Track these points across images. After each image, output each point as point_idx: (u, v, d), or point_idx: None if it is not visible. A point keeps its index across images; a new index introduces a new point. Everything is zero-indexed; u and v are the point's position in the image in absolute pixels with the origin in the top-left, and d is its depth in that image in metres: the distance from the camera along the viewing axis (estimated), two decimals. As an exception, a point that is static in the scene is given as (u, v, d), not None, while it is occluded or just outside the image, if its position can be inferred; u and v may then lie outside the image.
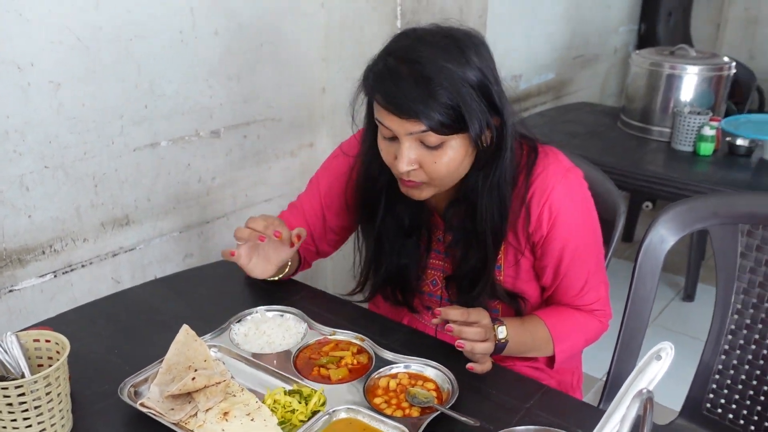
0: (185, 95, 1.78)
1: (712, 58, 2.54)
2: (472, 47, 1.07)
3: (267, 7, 1.92)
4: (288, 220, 1.37)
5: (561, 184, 1.17)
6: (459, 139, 1.08)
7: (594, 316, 1.28)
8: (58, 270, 1.63)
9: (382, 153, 1.14)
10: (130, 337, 1.20)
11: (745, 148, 2.31)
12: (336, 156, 1.37)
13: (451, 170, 1.11)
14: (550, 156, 1.20)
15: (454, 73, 1.03)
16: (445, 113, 1.03)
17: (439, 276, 1.31)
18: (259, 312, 1.24)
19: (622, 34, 4.07)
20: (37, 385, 0.90)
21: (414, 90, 1.03)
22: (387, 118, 1.07)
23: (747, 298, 1.35)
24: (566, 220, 1.18)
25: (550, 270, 1.23)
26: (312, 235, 1.37)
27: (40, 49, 1.48)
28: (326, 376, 1.07)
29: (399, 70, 1.04)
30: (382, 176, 1.21)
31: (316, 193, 1.37)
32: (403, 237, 1.27)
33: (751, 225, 1.34)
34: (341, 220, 1.36)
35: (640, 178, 2.26)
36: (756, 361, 1.35)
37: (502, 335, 1.13)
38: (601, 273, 1.28)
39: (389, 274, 1.30)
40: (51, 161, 1.55)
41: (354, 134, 1.33)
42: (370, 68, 1.11)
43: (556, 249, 1.20)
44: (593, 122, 2.83)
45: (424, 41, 1.06)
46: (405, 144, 1.08)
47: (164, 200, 1.81)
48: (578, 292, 1.25)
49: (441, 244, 1.29)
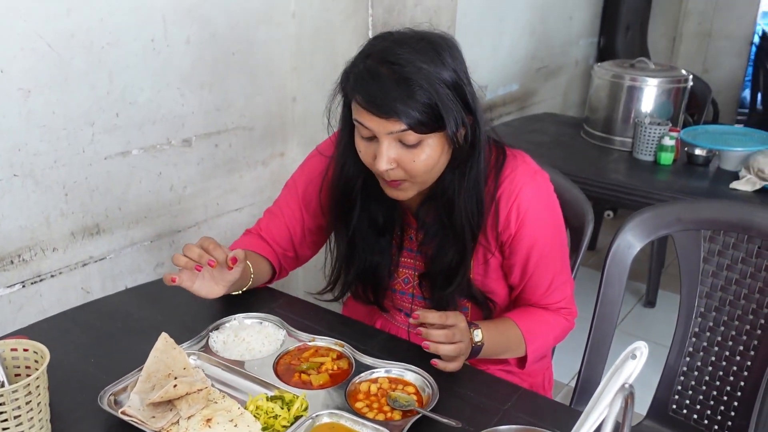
0: (157, 103, 1.77)
1: (670, 71, 2.63)
2: (447, 49, 1.11)
3: (239, 17, 1.93)
4: (267, 227, 1.37)
5: (529, 185, 1.21)
6: (436, 138, 1.12)
7: (560, 314, 1.32)
8: (27, 280, 1.61)
9: (360, 153, 1.17)
10: (105, 346, 1.19)
11: (703, 158, 2.40)
12: (313, 156, 1.39)
13: (429, 167, 1.14)
14: (518, 158, 1.24)
15: (431, 73, 1.07)
16: (423, 112, 1.07)
17: (411, 274, 1.34)
18: (237, 319, 1.24)
19: (582, 47, 4.17)
20: (17, 394, 0.89)
21: (394, 90, 1.06)
22: (367, 118, 1.10)
23: (710, 302, 1.41)
24: (534, 220, 1.22)
25: (518, 269, 1.27)
26: (292, 239, 1.38)
27: (11, 55, 1.46)
28: (307, 381, 1.08)
29: (379, 71, 1.08)
30: (358, 176, 1.24)
31: (293, 195, 1.37)
32: (377, 235, 1.30)
33: (713, 231, 1.40)
34: (319, 219, 1.37)
35: (604, 187, 2.32)
36: (719, 363, 1.40)
37: (477, 338, 1.16)
38: (566, 272, 1.33)
39: (361, 272, 1.32)
40: (20, 169, 1.53)
41: (330, 136, 1.35)
42: (349, 70, 1.14)
43: (524, 248, 1.24)
44: (557, 132, 2.90)
45: (402, 43, 1.10)
46: (384, 143, 1.11)
47: (135, 209, 1.80)
48: (545, 291, 1.29)
49: (413, 242, 1.32)
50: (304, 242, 1.40)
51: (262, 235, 1.38)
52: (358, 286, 1.36)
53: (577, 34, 4.06)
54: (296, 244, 1.39)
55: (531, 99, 3.73)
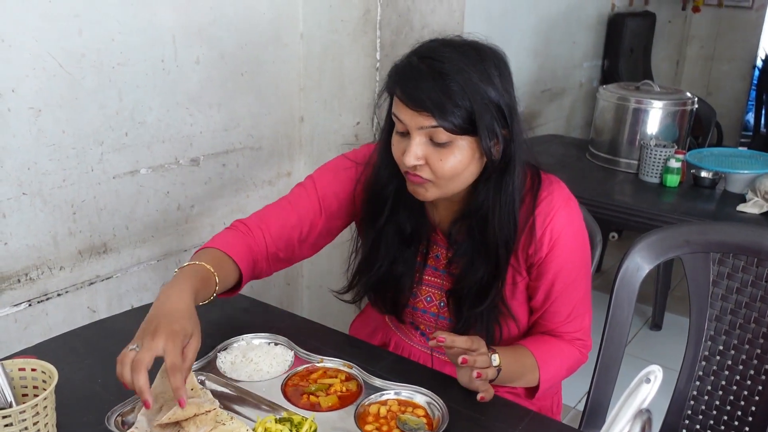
0: (166, 123, 1.78)
1: (675, 94, 2.64)
2: (493, 60, 1.11)
3: (248, 37, 1.95)
4: (268, 221, 1.29)
5: (564, 210, 1.21)
6: (467, 142, 1.11)
7: (574, 346, 1.30)
8: (33, 299, 1.60)
9: (393, 148, 1.17)
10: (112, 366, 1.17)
11: (709, 180, 2.40)
12: (339, 160, 1.36)
13: (456, 171, 1.12)
14: (554, 183, 1.24)
15: (471, 77, 1.07)
16: (456, 112, 1.07)
17: (435, 294, 1.32)
18: (245, 340, 1.23)
19: (586, 69, 4.20)
20: (25, 414, 0.88)
21: (430, 84, 1.06)
22: (402, 110, 1.10)
23: (719, 325, 1.40)
24: (565, 246, 1.21)
25: (542, 293, 1.26)
26: (294, 237, 1.30)
27: (22, 75, 1.47)
28: (316, 403, 1.07)
29: (419, 66, 1.08)
30: (393, 181, 1.23)
31: (312, 192, 1.32)
32: (402, 245, 1.28)
33: (722, 254, 1.39)
34: (334, 220, 1.34)
35: (610, 209, 2.32)
36: (729, 387, 1.39)
37: (495, 363, 1.14)
38: (587, 303, 1.31)
39: (381, 279, 1.30)
40: (29, 188, 1.54)
41: (358, 147, 1.36)
42: (395, 65, 1.15)
43: (552, 272, 1.23)
44: (562, 154, 2.91)
45: (449, 45, 1.11)
46: (415, 138, 1.10)
47: (142, 228, 1.80)
48: (565, 318, 1.27)
49: (440, 261, 1.30)
50: (307, 241, 1.33)
51: (260, 230, 1.27)
52: (377, 293, 1.34)
53: (580, 57, 4.09)
54: (297, 243, 1.31)
55: (535, 121, 3.74)
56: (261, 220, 1.29)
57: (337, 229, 1.37)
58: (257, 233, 1.27)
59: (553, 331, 1.29)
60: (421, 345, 1.37)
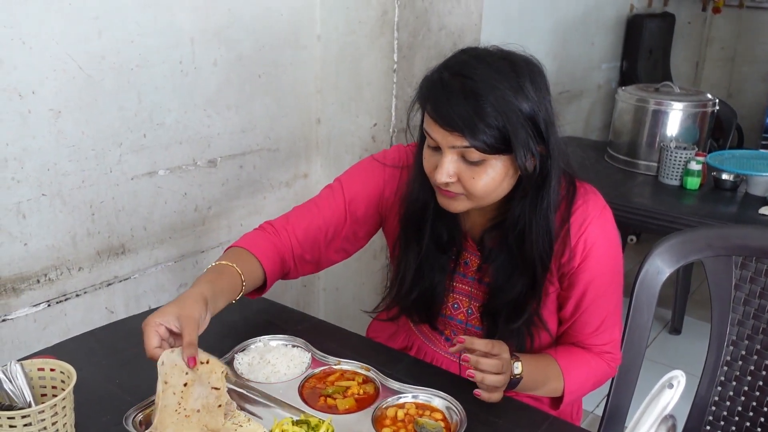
0: (184, 124, 1.79)
1: (696, 95, 2.61)
2: (528, 73, 1.08)
3: (265, 39, 1.95)
4: (294, 222, 1.29)
5: (598, 220, 1.19)
6: (501, 161, 1.08)
7: (603, 359, 1.28)
8: (52, 299, 1.61)
9: (424, 161, 1.15)
10: (129, 367, 1.19)
11: (730, 183, 2.37)
12: (368, 162, 1.34)
13: (489, 189, 1.10)
14: (589, 192, 1.21)
15: (504, 94, 1.04)
16: (489, 133, 1.04)
17: (464, 301, 1.30)
18: (263, 341, 1.23)
19: (604, 71, 4.16)
20: (44, 414, 0.88)
21: (462, 105, 1.04)
22: (433, 128, 1.08)
23: (742, 330, 1.38)
24: (598, 255, 1.19)
25: (572, 302, 1.23)
26: (320, 240, 1.29)
27: (42, 77, 1.48)
28: (333, 405, 1.07)
29: (451, 83, 1.06)
30: (432, 197, 1.20)
31: (339, 196, 1.30)
32: (439, 253, 1.26)
33: (744, 257, 1.37)
34: (360, 226, 1.32)
35: (629, 211, 2.29)
36: (752, 393, 1.36)
37: (517, 371, 1.13)
38: (618, 315, 1.28)
39: (422, 291, 1.27)
40: (48, 189, 1.55)
41: (388, 148, 1.35)
42: (426, 79, 1.12)
43: (583, 282, 1.20)
44: (581, 156, 2.86)
45: (481, 60, 1.07)
46: (447, 157, 1.08)
47: (160, 229, 1.81)
48: (594, 330, 1.25)
49: (468, 268, 1.28)
50: (333, 245, 1.31)
51: (286, 231, 1.28)
52: (415, 305, 1.30)
53: (599, 59, 4.06)
54: (323, 245, 1.30)
55: (553, 123, 3.71)
56: (287, 221, 1.30)
57: (365, 234, 1.35)
58: (283, 234, 1.28)
59: (582, 342, 1.27)
60: (445, 351, 1.35)
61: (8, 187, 1.48)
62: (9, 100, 1.44)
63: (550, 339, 1.29)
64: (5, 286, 1.52)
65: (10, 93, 1.44)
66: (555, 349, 1.27)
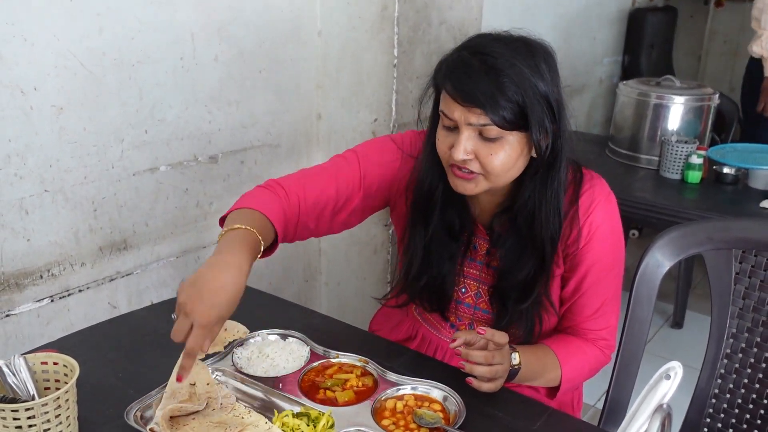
0: (185, 120, 1.79)
1: (697, 89, 2.61)
2: (542, 54, 1.11)
3: (266, 35, 1.95)
4: (303, 187, 1.23)
5: (604, 205, 1.21)
6: (517, 137, 1.10)
7: (597, 346, 1.30)
8: (55, 295, 1.62)
9: (438, 142, 1.15)
10: (133, 361, 1.20)
11: (731, 177, 2.37)
12: (384, 140, 1.33)
13: (506, 166, 1.12)
14: (595, 178, 1.24)
15: (522, 71, 1.06)
16: (508, 108, 1.06)
17: (472, 285, 1.31)
18: (261, 335, 1.24)
19: (606, 65, 4.16)
20: (47, 407, 0.89)
21: (483, 80, 1.06)
22: (452, 106, 1.10)
23: (742, 323, 1.38)
24: (601, 240, 1.22)
25: (573, 283, 1.25)
26: (325, 212, 1.25)
27: (44, 73, 1.49)
28: (332, 398, 1.08)
29: (471, 61, 1.08)
30: (441, 181, 1.22)
31: (356, 167, 1.28)
32: (450, 240, 1.27)
33: (744, 250, 1.37)
34: (367, 202, 1.30)
35: (630, 205, 2.30)
36: (752, 385, 1.37)
37: (515, 361, 1.14)
38: (616, 302, 1.30)
39: (431, 278, 1.28)
40: (51, 185, 1.56)
41: (404, 132, 1.35)
42: (443, 60, 1.14)
43: (585, 264, 1.23)
44: (582, 150, 2.86)
45: (499, 40, 1.11)
46: (464, 133, 1.09)
47: (162, 225, 1.82)
48: (592, 314, 1.26)
49: (477, 252, 1.29)
50: (338, 217, 1.28)
51: (292, 195, 1.22)
52: (425, 293, 1.31)
53: (600, 53, 4.06)
54: (327, 215, 1.26)
55: (555, 117, 3.71)
56: (299, 185, 1.23)
57: (370, 209, 1.33)
58: (293, 199, 1.22)
59: (578, 325, 1.28)
60: (449, 338, 1.35)
61: (11, 183, 1.49)
62: (11, 96, 1.45)
63: (556, 322, 1.30)
64: (8, 282, 1.53)
65: (13, 89, 1.44)
66: (550, 339, 1.29)
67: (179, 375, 1.00)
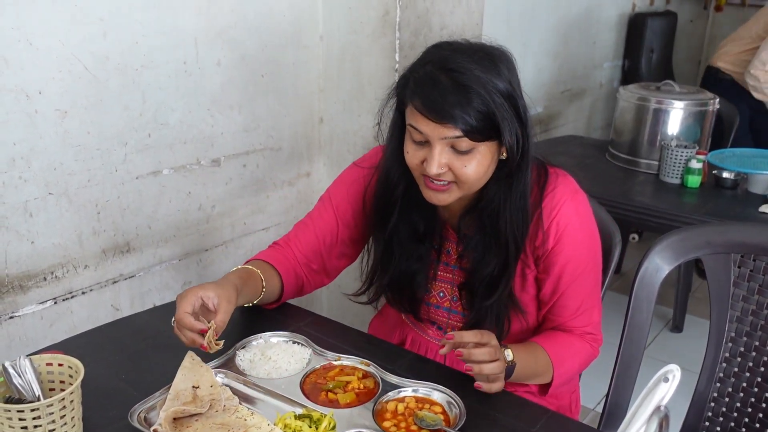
0: (188, 124, 1.81)
1: (697, 94, 2.62)
2: (503, 61, 1.14)
3: (268, 39, 1.97)
4: (295, 236, 1.39)
5: (570, 202, 1.23)
6: (487, 146, 1.13)
7: (585, 340, 1.31)
8: (59, 297, 1.64)
9: (407, 157, 1.18)
10: (136, 363, 1.20)
11: (731, 181, 2.38)
12: (349, 168, 1.41)
13: (478, 175, 1.15)
14: (560, 176, 1.26)
15: (488, 82, 1.09)
16: (479, 119, 1.09)
17: (447, 288, 1.34)
18: (264, 338, 1.25)
19: (606, 70, 4.17)
20: (53, 408, 0.90)
21: (452, 96, 1.08)
22: (422, 122, 1.12)
23: (740, 327, 1.39)
24: (571, 238, 1.23)
25: (550, 285, 1.27)
26: (320, 249, 1.38)
27: (49, 77, 1.50)
28: (334, 400, 1.09)
29: (438, 77, 1.10)
30: (401, 182, 1.25)
31: (328, 205, 1.39)
32: (416, 243, 1.30)
33: (743, 255, 1.38)
34: (352, 230, 1.38)
35: (630, 209, 2.31)
36: (750, 389, 1.38)
37: (509, 357, 1.15)
38: (596, 297, 1.32)
39: (396, 278, 1.32)
40: (55, 188, 1.57)
41: (367, 152, 1.39)
42: (408, 75, 1.16)
43: (559, 265, 1.24)
44: (582, 154, 2.89)
45: (461, 52, 1.12)
46: (437, 148, 1.12)
47: (165, 228, 1.83)
48: (573, 312, 1.28)
49: (450, 256, 1.32)
50: (333, 252, 1.39)
51: (290, 245, 1.38)
52: (393, 292, 1.36)
53: (600, 58, 4.07)
54: (324, 253, 1.38)
55: (555, 121, 3.73)
56: (290, 237, 1.40)
57: (359, 237, 1.40)
58: (288, 250, 1.38)
59: (563, 325, 1.30)
60: (437, 339, 1.39)
61: (15, 186, 1.50)
62: (16, 100, 1.46)
63: (527, 325, 1.32)
64: (12, 284, 1.54)
65: (17, 93, 1.46)
66: (539, 336, 1.30)
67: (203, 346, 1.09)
